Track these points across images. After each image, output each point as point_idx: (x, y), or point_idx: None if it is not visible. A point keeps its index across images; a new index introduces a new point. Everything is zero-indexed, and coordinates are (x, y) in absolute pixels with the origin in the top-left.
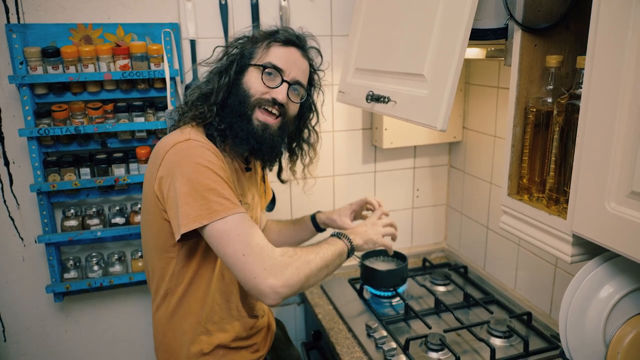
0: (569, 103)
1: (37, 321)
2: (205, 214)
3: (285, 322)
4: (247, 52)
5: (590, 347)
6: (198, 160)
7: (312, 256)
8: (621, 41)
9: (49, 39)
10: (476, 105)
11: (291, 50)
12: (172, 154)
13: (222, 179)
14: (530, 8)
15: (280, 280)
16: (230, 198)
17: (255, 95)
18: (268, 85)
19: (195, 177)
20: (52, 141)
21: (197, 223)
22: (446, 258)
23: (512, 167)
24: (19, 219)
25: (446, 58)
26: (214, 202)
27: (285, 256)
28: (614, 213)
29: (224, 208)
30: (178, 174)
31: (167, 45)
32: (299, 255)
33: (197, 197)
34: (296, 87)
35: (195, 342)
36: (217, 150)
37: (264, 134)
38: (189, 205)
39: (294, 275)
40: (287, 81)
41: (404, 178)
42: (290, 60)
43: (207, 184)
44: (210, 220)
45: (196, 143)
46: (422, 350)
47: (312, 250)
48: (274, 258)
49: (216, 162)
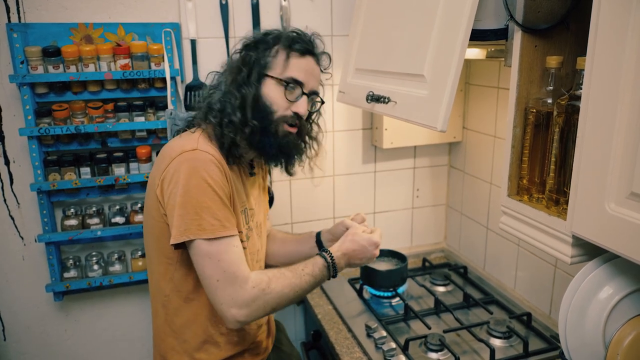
0: (569, 104)
1: (37, 320)
2: (195, 230)
3: (285, 322)
4: (263, 60)
5: (590, 348)
6: (202, 175)
7: (286, 290)
8: (621, 42)
9: (50, 38)
10: (476, 106)
11: (308, 60)
12: (177, 162)
13: (220, 198)
14: (531, 9)
15: (243, 312)
16: (223, 220)
17: (279, 112)
18: (289, 99)
19: (195, 192)
20: (52, 140)
21: (184, 237)
22: (446, 258)
23: (512, 168)
24: (19, 218)
25: (446, 58)
26: (205, 221)
27: (256, 289)
28: (613, 214)
29: (213, 229)
30: (180, 184)
31: (167, 45)
32: (272, 289)
33: (191, 211)
34: (314, 97)
35: (200, 350)
36: (223, 160)
37: (289, 145)
38: (182, 218)
39: (259, 308)
40: (306, 94)
41: (404, 178)
42: (309, 71)
43: (204, 202)
44: (196, 237)
45: (203, 155)
46: (421, 351)
47: (290, 283)
48: (245, 290)
49: (219, 178)
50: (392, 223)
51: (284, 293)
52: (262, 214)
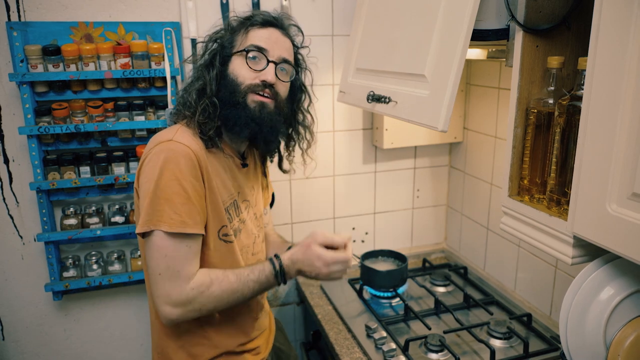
0: (570, 104)
1: (36, 320)
2: (155, 221)
3: (285, 322)
4: (227, 43)
5: (591, 349)
6: (171, 167)
7: (226, 295)
8: (623, 42)
9: (50, 37)
10: (477, 106)
11: (271, 31)
12: (153, 153)
13: (186, 193)
14: (532, 9)
15: (176, 311)
16: (184, 216)
17: (245, 82)
18: (255, 69)
19: (163, 184)
20: (52, 139)
21: (145, 227)
22: (446, 259)
23: (512, 168)
24: (18, 217)
25: (447, 58)
26: (165, 214)
27: (195, 290)
28: (615, 215)
29: (171, 223)
30: (152, 175)
31: (167, 44)
32: (211, 292)
33: (155, 203)
34: (283, 65)
35: (195, 345)
36: (202, 152)
37: (262, 114)
38: (146, 209)
39: (194, 310)
40: (273, 61)
41: (405, 178)
42: (272, 39)
43: (169, 195)
44: (156, 228)
45: (177, 146)
46: (421, 351)
47: (231, 288)
48: (182, 290)
49: (190, 172)
50: (392, 223)
51: (222, 298)
52: (261, 205)
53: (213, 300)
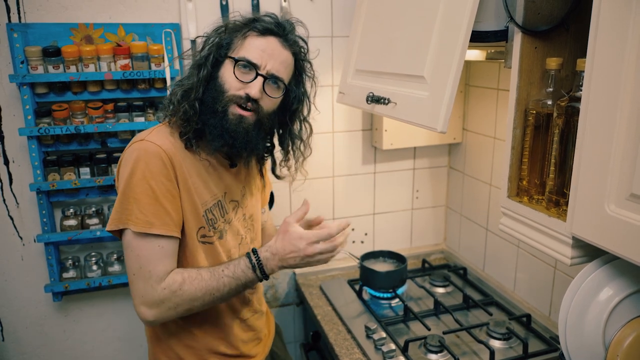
0: (569, 105)
1: (35, 320)
2: (124, 219)
3: (285, 323)
4: (225, 42)
5: (590, 350)
6: (141, 167)
7: (200, 294)
8: (621, 44)
9: (50, 38)
10: (476, 107)
11: (269, 41)
12: (127, 152)
13: (154, 193)
14: (531, 10)
15: (152, 312)
16: (150, 216)
17: (229, 91)
18: (242, 80)
19: (133, 183)
20: (52, 140)
21: (113, 225)
22: (445, 259)
23: (512, 169)
24: (18, 218)
25: (446, 60)
26: (133, 213)
27: (167, 290)
28: (613, 215)
29: (137, 222)
30: (124, 174)
31: (167, 46)
32: (184, 291)
33: (125, 201)
34: (275, 81)
35: (186, 347)
36: (175, 152)
37: (238, 127)
38: (116, 207)
39: (169, 310)
40: (262, 75)
41: (404, 179)
42: (267, 51)
43: (137, 194)
44: (124, 227)
45: (149, 146)
46: (421, 352)
47: (205, 286)
48: (155, 290)
49: (160, 172)
50: (391, 224)
51: (197, 296)
52: (257, 207)
53: (187, 299)
